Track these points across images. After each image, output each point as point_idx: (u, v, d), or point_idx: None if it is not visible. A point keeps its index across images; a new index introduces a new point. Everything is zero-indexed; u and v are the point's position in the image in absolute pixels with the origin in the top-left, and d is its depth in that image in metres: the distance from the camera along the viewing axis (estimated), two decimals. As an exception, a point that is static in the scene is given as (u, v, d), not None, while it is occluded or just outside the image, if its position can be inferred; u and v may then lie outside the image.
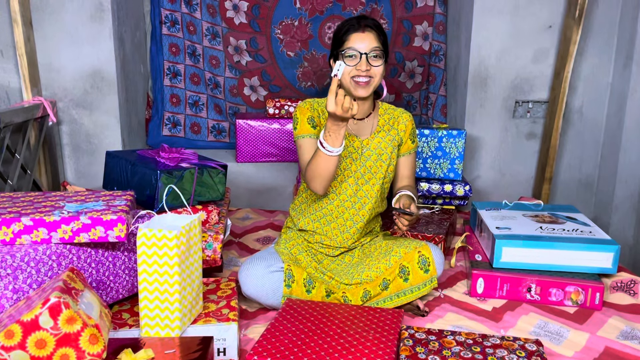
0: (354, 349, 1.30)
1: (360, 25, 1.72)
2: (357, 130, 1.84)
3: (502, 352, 1.29)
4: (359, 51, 1.69)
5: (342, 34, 1.74)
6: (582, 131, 2.75)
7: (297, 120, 1.78)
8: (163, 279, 1.32)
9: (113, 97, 2.56)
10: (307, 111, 1.78)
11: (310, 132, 1.76)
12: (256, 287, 1.64)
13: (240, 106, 3.12)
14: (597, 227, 1.97)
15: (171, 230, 1.31)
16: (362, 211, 1.81)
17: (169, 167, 1.68)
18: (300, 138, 1.76)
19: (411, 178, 1.92)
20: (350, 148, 1.80)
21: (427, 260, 1.70)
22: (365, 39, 1.70)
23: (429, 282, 1.70)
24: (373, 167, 1.82)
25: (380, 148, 1.83)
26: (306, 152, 1.74)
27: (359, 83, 1.71)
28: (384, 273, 1.70)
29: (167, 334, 1.35)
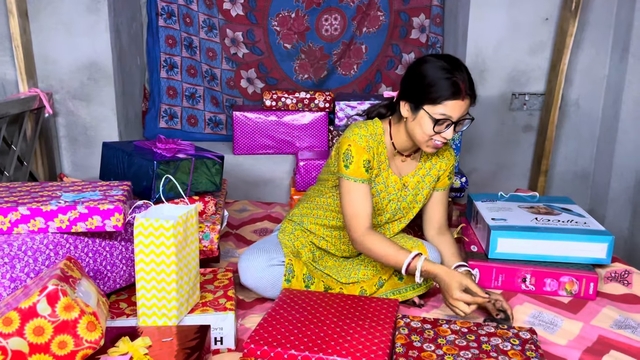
0: (349, 337, 1.31)
1: (462, 91, 1.48)
2: (402, 167, 1.71)
3: (496, 340, 1.31)
4: (452, 120, 1.51)
5: (438, 95, 1.48)
6: (579, 123, 2.76)
7: (350, 157, 1.57)
8: (160, 269, 1.33)
9: (109, 89, 2.55)
10: (363, 152, 1.58)
11: (363, 177, 1.59)
12: (255, 279, 1.64)
13: (237, 98, 3.12)
14: (591, 218, 1.98)
15: (168, 220, 1.31)
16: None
17: (166, 158, 1.69)
18: (351, 180, 1.58)
19: (443, 218, 1.79)
20: (390, 189, 1.69)
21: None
22: (463, 107, 1.51)
23: (424, 282, 1.69)
24: (407, 208, 1.74)
25: (417, 188, 1.73)
26: (355, 199, 1.57)
27: (435, 145, 1.56)
28: (380, 272, 1.70)
29: (165, 323, 1.35)
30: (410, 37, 3.06)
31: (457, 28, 2.79)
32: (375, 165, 1.63)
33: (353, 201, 1.58)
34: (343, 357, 1.24)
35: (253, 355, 1.29)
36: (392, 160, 1.68)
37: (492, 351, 1.26)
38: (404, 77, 1.59)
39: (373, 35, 3.05)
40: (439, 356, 1.23)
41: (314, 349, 1.27)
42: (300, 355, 1.26)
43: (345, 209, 1.60)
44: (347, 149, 1.57)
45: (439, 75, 1.49)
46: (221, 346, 1.44)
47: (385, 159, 1.65)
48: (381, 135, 1.63)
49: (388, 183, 1.68)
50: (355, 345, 1.28)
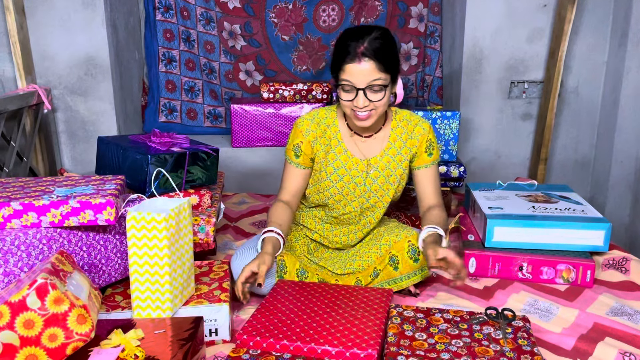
0: (342, 327, 1.32)
1: (356, 53, 1.47)
2: (364, 148, 1.69)
3: (489, 329, 1.31)
4: (355, 86, 1.49)
5: (338, 60, 1.51)
6: (578, 111, 2.74)
7: (290, 136, 1.69)
8: (153, 261, 1.34)
9: (107, 83, 2.56)
10: (298, 135, 1.65)
11: (291, 159, 1.68)
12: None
13: (235, 91, 3.12)
14: (589, 205, 1.97)
15: (160, 213, 1.32)
16: (367, 229, 1.77)
17: (160, 152, 1.69)
18: (285, 156, 1.70)
19: (434, 197, 1.72)
20: (353, 171, 1.68)
21: (416, 249, 1.65)
22: (362, 72, 1.47)
23: (419, 272, 1.67)
24: (379, 190, 1.69)
25: (388, 169, 1.68)
26: (285, 175, 1.70)
27: (358, 117, 1.55)
28: (375, 262, 1.68)
29: (159, 315, 1.36)
30: (408, 26, 3.05)
31: (454, 16, 2.78)
32: (319, 148, 1.65)
33: (282, 174, 1.70)
34: (334, 347, 1.25)
35: (246, 346, 1.30)
36: (350, 142, 1.67)
37: (484, 340, 1.26)
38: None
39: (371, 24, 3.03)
40: (431, 345, 1.24)
41: (305, 340, 1.28)
42: (292, 345, 1.27)
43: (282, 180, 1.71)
44: (292, 129, 1.69)
45: (338, 43, 1.53)
46: (216, 337, 1.45)
47: (339, 142, 1.65)
48: (334, 119, 1.66)
49: (349, 166, 1.66)
50: (347, 335, 1.29)
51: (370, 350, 1.23)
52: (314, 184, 1.71)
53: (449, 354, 1.20)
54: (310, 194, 1.74)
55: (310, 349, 1.26)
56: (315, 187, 1.71)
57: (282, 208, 1.67)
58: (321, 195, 1.71)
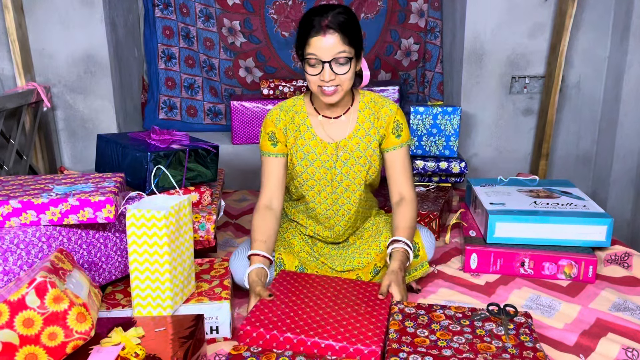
0: (345, 322, 1.32)
1: (320, 26, 1.49)
2: (333, 132, 1.67)
3: (491, 325, 1.30)
4: (320, 59, 1.50)
5: (303, 35, 1.53)
6: (580, 106, 2.73)
7: (261, 131, 1.69)
8: (153, 259, 1.33)
9: (107, 81, 2.55)
10: (269, 125, 1.66)
11: (268, 150, 1.66)
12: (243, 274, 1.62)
13: (235, 88, 3.11)
14: (591, 200, 1.96)
15: (160, 211, 1.31)
16: (348, 215, 1.72)
17: (160, 149, 1.69)
18: (261, 154, 1.69)
19: (403, 185, 1.67)
20: (323, 156, 1.66)
21: (416, 245, 1.66)
22: (326, 44, 1.49)
23: (419, 267, 1.68)
24: (351, 172, 1.67)
25: (358, 150, 1.66)
26: (263, 172, 1.68)
27: (325, 92, 1.55)
28: (375, 259, 1.67)
29: (159, 313, 1.36)
30: (408, 22, 3.03)
31: (455, 12, 2.76)
32: (289, 134, 1.66)
33: (262, 175, 1.68)
34: (338, 342, 1.24)
35: (249, 337, 1.29)
36: (318, 127, 1.67)
37: (485, 336, 1.25)
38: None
39: (371, 20, 3.02)
40: (432, 342, 1.23)
41: (309, 333, 1.27)
42: (296, 338, 1.26)
43: (261, 180, 1.69)
44: (263, 123, 1.69)
45: (303, 20, 1.55)
46: (217, 335, 1.44)
47: (308, 127, 1.66)
48: (301, 106, 1.68)
49: (318, 150, 1.66)
50: (351, 331, 1.28)
51: (374, 347, 1.23)
52: (289, 172, 1.71)
53: (451, 351, 1.19)
54: (289, 183, 1.74)
55: (313, 343, 1.25)
56: (290, 174, 1.71)
57: (263, 218, 1.63)
58: (296, 182, 1.70)
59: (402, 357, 1.17)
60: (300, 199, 1.76)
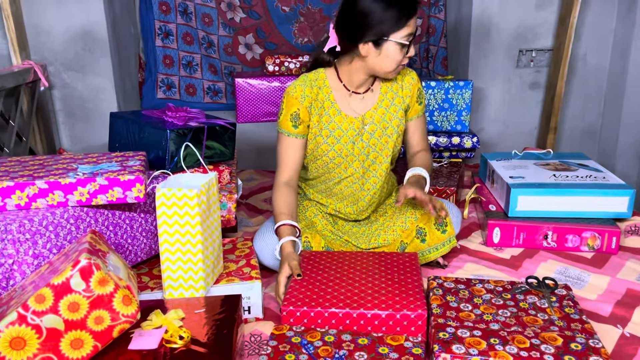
0: (384, 291, 1.31)
1: (414, 6, 1.48)
2: (357, 106, 1.64)
3: (533, 298, 1.29)
4: (414, 34, 1.50)
5: (401, 18, 1.46)
6: (586, 79, 2.72)
7: (281, 109, 1.61)
8: (185, 239, 1.29)
9: (106, 59, 2.46)
10: (293, 104, 1.58)
11: (289, 131, 1.60)
12: (272, 258, 1.59)
13: (235, 65, 3.04)
14: (609, 172, 1.96)
15: (192, 189, 1.26)
16: (374, 190, 1.69)
17: (178, 127, 1.63)
18: (279, 131, 1.62)
19: (422, 142, 1.75)
20: (350, 131, 1.62)
21: (444, 220, 1.65)
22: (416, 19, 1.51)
23: (447, 242, 1.65)
24: (378, 144, 1.65)
25: (384, 121, 1.65)
26: (280, 150, 1.62)
27: (400, 69, 1.55)
28: (401, 236, 1.65)
29: (192, 295, 1.32)
30: (411, -5, 2.97)
31: (461, -16, 2.72)
32: (313, 112, 1.60)
33: (279, 152, 1.62)
34: (384, 310, 1.24)
35: (292, 317, 1.26)
36: (343, 102, 1.63)
37: (530, 309, 1.24)
38: (350, 23, 1.51)
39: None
40: (477, 315, 1.21)
41: (353, 305, 1.25)
42: (342, 312, 1.24)
43: (277, 158, 1.63)
44: (282, 101, 1.61)
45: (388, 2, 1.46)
46: (249, 315, 1.41)
47: (332, 103, 1.61)
48: (324, 80, 1.62)
49: (345, 126, 1.62)
50: (393, 298, 1.28)
51: (420, 311, 1.23)
52: (311, 152, 1.65)
53: (498, 324, 1.18)
54: (308, 163, 1.69)
55: (359, 315, 1.23)
56: (312, 154, 1.65)
57: (285, 193, 1.60)
58: (320, 161, 1.64)
59: (450, 332, 1.15)
60: (317, 178, 1.71)
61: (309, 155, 1.66)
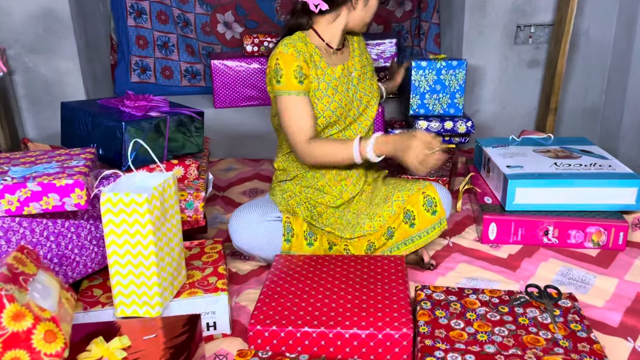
0: (365, 305, 1.16)
1: None
2: (338, 60, 1.61)
3: (534, 312, 1.13)
4: None
5: None
6: (589, 55, 2.54)
7: (280, 71, 1.47)
8: (136, 251, 1.13)
9: (70, 40, 2.28)
10: (292, 60, 1.47)
11: (297, 89, 1.48)
12: (249, 237, 1.46)
13: (214, 45, 2.84)
14: (615, 159, 1.80)
15: (140, 194, 1.10)
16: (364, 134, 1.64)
17: (136, 118, 1.45)
18: (286, 95, 1.48)
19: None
20: (342, 80, 1.57)
21: (433, 200, 1.53)
22: None
23: (437, 225, 1.54)
24: (366, 87, 1.66)
25: (363, 67, 1.66)
26: (294, 113, 1.47)
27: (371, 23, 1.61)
28: (388, 221, 1.54)
29: (147, 313, 1.16)
30: (401, -33, 2.77)
31: (454, -46, 2.52)
32: (311, 66, 1.52)
33: (293, 116, 1.48)
34: (364, 329, 1.09)
35: (260, 337, 1.11)
36: (328, 58, 1.59)
37: (530, 325, 1.09)
38: None
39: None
40: (471, 335, 1.06)
41: (329, 324, 1.10)
42: (316, 332, 1.09)
43: (287, 127, 1.50)
44: (276, 64, 1.48)
45: None
46: (215, 332, 1.25)
47: (321, 58, 1.56)
48: (304, 38, 1.55)
49: (337, 76, 1.57)
50: (374, 314, 1.13)
51: (405, 330, 1.08)
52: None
53: (495, 346, 1.02)
54: None
55: (336, 335, 1.09)
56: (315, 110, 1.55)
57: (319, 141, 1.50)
58: (321, 118, 1.54)
59: (439, 357, 1.00)
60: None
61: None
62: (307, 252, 1.49)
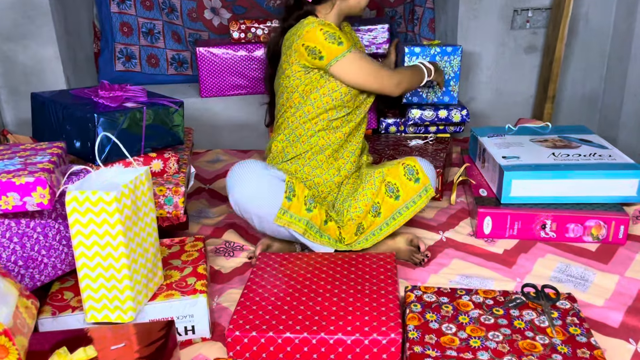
0: (352, 308, 1.09)
1: None
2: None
3: (531, 314, 1.07)
4: None
5: None
6: (587, 40, 2.46)
7: (333, 35, 1.45)
8: (106, 252, 1.05)
9: (49, 27, 2.18)
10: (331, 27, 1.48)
11: (353, 47, 1.51)
12: (252, 187, 1.37)
13: (201, 32, 2.74)
14: (615, 149, 1.73)
15: (109, 192, 1.02)
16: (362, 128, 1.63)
17: (110, 109, 1.37)
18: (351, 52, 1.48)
19: None
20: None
21: (413, 169, 1.52)
22: None
23: (423, 193, 1.51)
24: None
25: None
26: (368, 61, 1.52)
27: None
28: (372, 198, 1.52)
29: (119, 318, 1.09)
30: (394, -50, 2.67)
31: None
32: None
33: (369, 63, 1.52)
34: (349, 335, 1.02)
35: (239, 344, 1.04)
36: None
37: (527, 329, 1.02)
38: None
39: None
40: (463, 340, 0.99)
41: (312, 328, 1.04)
42: (298, 337, 1.03)
43: (369, 74, 1.52)
44: (325, 32, 1.46)
45: None
46: (194, 336, 1.19)
47: None
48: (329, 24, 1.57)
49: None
50: (361, 317, 1.06)
51: (393, 335, 1.01)
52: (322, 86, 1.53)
53: (488, 353, 0.96)
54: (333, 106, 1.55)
55: (320, 340, 1.02)
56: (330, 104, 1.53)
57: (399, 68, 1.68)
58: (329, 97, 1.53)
59: (429, 365, 0.93)
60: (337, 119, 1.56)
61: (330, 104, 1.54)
62: (305, 217, 1.41)
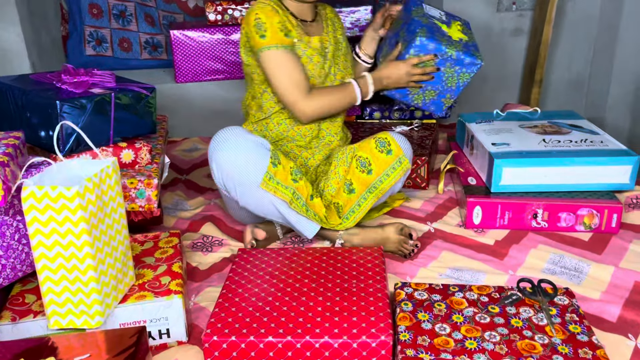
0: (339, 308, 1.02)
1: None
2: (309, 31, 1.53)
3: (528, 312, 1.00)
4: None
5: None
6: (574, 23, 2.41)
7: (263, 26, 1.39)
8: (69, 253, 0.96)
9: (10, 8, 2.06)
10: (273, 14, 1.41)
11: (284, 43, 1.41)
12: (236, 151, 1.31)
13: (176, 15, 2.63)
14: (607, 135, 1.67)
15: (70, 187, 0.92)
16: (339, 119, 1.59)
17: (74, 95, 1.27)
18: (273, 49, 1.39)
19: None
20: (317, 50, 1.50)
21: (385, 141, 1.45)
22: None
23: (397, 165, 1.45)
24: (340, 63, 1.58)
25: (338, 42, 1.59)
26: (288, 67, 1.40)
27: None
28: (343, 175, 1.47)
29: (85, 323, 1.00)
30: None
31: None
32: (291, 27, 1.46)
33: (287, 72, 1.41)
34: (336, 338, 0.95)
35: (217, 350, 0.96)
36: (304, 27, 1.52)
37: (525, 328, 0.96)
38: None
39: None
40: (458, 342, 0.93)
41: (296, 332, 0.96)
42: (282, 342, 0.95)
43: (280, 85, 1.42)
44: (256, 19, 1.40)
45: None
46: (169, 340, 1.10)
47: (293, 26, 1.48)
48: (279, 3, 1.49)
49: (313, 46, 1.50)
50: (349, 318, 0.99)
51: (383, 337, 0.94)
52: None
53: (485, 356, 0.89)
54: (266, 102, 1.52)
55: (305, 344, 0.95)
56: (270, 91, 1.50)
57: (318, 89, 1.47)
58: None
59: (422, 371, 0.86)
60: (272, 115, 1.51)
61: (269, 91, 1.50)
62: (292, 185, 1.35)
